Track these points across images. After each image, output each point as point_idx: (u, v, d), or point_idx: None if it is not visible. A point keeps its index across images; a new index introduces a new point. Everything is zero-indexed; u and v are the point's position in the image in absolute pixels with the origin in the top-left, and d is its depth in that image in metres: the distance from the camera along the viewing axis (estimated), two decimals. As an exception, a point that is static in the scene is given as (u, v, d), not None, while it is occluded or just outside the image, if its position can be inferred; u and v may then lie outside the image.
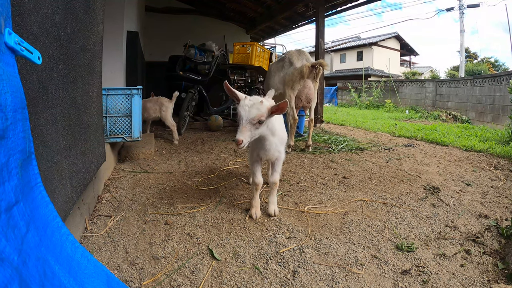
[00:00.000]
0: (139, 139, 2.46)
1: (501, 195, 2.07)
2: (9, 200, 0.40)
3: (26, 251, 0.42)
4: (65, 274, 0.50)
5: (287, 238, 1.42)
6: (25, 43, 0.51)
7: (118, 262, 1.23)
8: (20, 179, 0.43)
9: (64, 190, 1.00)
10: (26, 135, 0.47)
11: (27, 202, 0.45)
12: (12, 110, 0.42)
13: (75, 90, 1.19)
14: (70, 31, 1.15)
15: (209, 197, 1.91)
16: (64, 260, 0.51)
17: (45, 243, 0.48)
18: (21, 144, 0.44)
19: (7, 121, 0.40)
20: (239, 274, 1.16)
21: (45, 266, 0.45)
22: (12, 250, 0.39)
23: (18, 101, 0.44)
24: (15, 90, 0.44)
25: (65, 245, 0.54)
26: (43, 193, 0.52)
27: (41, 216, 0.49)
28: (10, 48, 0.45)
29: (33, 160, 0.51)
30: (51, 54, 0.96)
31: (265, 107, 1.38)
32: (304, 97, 3.15)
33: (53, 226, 0.52)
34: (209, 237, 1.42)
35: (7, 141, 0.40)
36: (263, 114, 1.37)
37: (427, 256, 1.29)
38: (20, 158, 0.43)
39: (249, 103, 1.37)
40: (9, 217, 0.39)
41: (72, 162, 1.13)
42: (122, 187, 2.01)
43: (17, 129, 0.43)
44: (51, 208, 0.54)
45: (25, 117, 0.48)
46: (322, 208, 1.77)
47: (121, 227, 1.50)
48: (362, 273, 1.16)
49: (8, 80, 0.42)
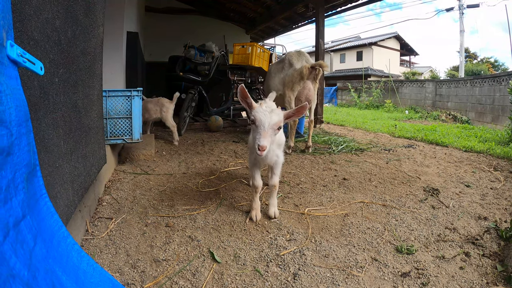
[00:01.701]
0: (139, 141, 2.47)
1: (500, 196, 2.08)
2: (16, 216, 0.40)
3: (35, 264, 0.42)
4: (72, 284, 0.50)
5: (288, 241, 1.42)
6: (27, 54, 0.52)
7: (119, 265, 1.23)
8: (26, 193, 0.43)
9: (65, 195, 1.01)
10: (31, 148, 0.48)
11: (33, 215, 0.45)
12: (16, 125, 0.42)
13: (76, 94, 1.19)
14: (71, 35, 1.15)
15: (210, 199, 1.91)
16: (70, 270, 0.51)
17: (52, 255, 0.48)
18: (26, 158, 0.44)
19: (12, 137, 0.41)
20: (240, 276, 1.17)
21: (53, 278, 0.46)
22: (22, 266, 0.39)
23: (22, 115, 0.45)
24: (19, 103, 0.45)
25: (71, 255, 0.54)
26: (48, 203, 0.53)
27: (47, 227, 0.49)
28: (12, 60, 0.45)
29: (37, 172, 0.51)
30: (52, 59, 0.96)
31: (282, 113, 1.40)
32: (304, 98, 3.16)
33: (59, 237, 0.53)
34: (210, 239, 1.43)
35: (13, 157, 0.40)
36: (282, 120, 1.39)
37: (426, 258, 1.30)
38: (26, 172, 0.44)
39: (269, 109, 1.38)
40: (17, 232, 0.40)
41: (74, 166, 1.13)
42: (123, 189, 2.02)
43: (22, 143, 0.43)
44: (56, 218, 0.54)
45: (29, 130, 0.48)
46: (322, 210, 1.78)
47: (122, 229, 1.50)
48: (362, 276, 1.17)
49: (12, 95, 0.42)
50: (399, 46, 22.22)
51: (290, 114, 1.41)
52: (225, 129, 4.82)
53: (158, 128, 4.49)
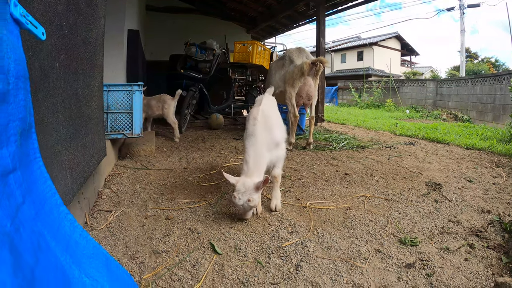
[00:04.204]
0: (140, 136, 2.45)
1: (503, 191, 2.06)
2: (5, 166, 0.39)
3: (21, 220, 0.41)
4: (62, 251, 0.48)
5: (289, 233, 1.41)
6: (30, 16, 0.50)
7: (118, 256, 1.21)
8: (19, 148, 0.42)
9: (64, 181, 0.99)
10: (27, 106, 0.46)
11: (25, 174, 0.44)
12: (14, 76, 0.41)
13: (76, 82, 1.18)
14: (72, 22, 1.14)
15: (210, 192, 1.90)
16: (61, 237, 0.50)
17: (42, 218, 0.46)
18: (22, 112, 0.43)
19: (8, 85, 0.39)
20: (241, 268, 1.15)
21: (40, 239, 0.44)
22: (5, 216, 0.38)
23: (20, 69, 0.43)
24: (19, 58, 0.43)
25: (63, 224, 0.53)
26: (42, 168, 0.51)
27: (39, 191, 0.48)
28: (15, 19, 0.44)
29: (33, 134, 0.50)
30: (53, 43, 0.95)
31: (252, 192, 1.41)
32: (305, 95, 3.14)
33: (51, 203, 0.51)
34: (211, 231, 1.41)
35: (8, 106, 0.39)
36: (256, 197, 1.41)
37: (430, 250, 1.28)
38: (20, 126, 0.42)
39: (240, 194, 1.40)
40: (4, 183, 0.38)
41: (73, 153, 1.12)
42: (123, 183, 2.00)
43: (18, 97, 0.42)
44: (50, 184, 0.53)
45: (27, 89, 0.47)
46: (324, 204, 1.76)
47: (122, 221, 1.49)
48: (365, 267, 1.15)
49: (12, 47, 0.41)
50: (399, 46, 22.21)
51: (260, 185, 1.42)
52: (226, 127, 4.81)
53: (159, 126, 4.48)
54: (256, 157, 1.51)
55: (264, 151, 1.54)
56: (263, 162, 1.53)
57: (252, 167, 1.48)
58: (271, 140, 1.62)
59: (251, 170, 1.47)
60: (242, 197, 1.41)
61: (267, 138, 1.59)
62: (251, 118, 1.62)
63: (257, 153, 1.52)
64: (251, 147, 1.54)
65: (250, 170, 1.47)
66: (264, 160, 1.54)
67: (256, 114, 1.61)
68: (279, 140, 1.69)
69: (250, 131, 1.59)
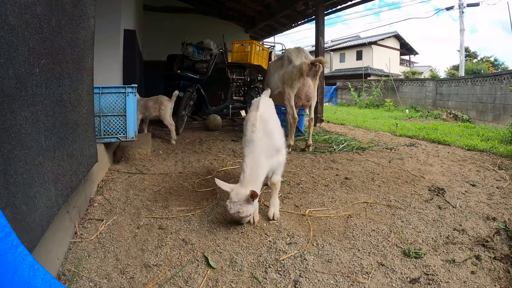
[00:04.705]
0: (134, 139, 2.38)
1: (507, 196, 2.01)
2: None
3: None
4: None
5: (288, 244, 1.34)
6: None
7: (107, 270, 1.15)
8: None
9: (46, 195, 0.93)
10: None
11: None
12: None
13: (60, 87, 1.11)
14: (55, 24, 1.07)
15: (206, 199, 1.83)
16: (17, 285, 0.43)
17: None
18: None
19: None
20: (236, 284, 1.09)
21: None
22: None
23: None
24: None
25: (21, 268, 0.46)
26: None
27: None
28: None
29: None
30: (32, 47, 0.88)
31: (243, 204, 1.37)
32: (304, 96, 3.08)
33: (5, 245, 0.44)
34: (205, 243, 1.35)
35: None
36: (244, 210, 1.38)
37: (436, 262, 1.22)
38: None
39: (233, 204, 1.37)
40: None
41: (57, 164, 1.05)
42: (116, 189, 1.94)
43: None
44: (3, 222, 0.46)
45: None
46: (324, 211, 1.70)
47: (113, 231, 1.42)
48: (368, 283, 1.09)
49: None
50: (398, 45, 22.15)
51: (249, 199, 1.37)
52: (224, 128, 4.74)
53: (155, 127, 4.41)
54: (254, 166, 1.45)
55: (262, 160, 1.48)
56: (260, 172, 1.47)
57: (248, 177, 1.42)
58: (271, 146, 1.56)
59: (246, 180, 1.41)
60: (233, 206, 1.37)
61: (267, 144, 1.52)
62: (249, 124, 1.56)
63: (255, 162, 1.45)
64: (249, 155, 1.48)
65: (246, 179, 1.41)
66: (262, 169, 1.48)
67: (254, 121, 1.55)
68: (279, 146, 1.62)
69: (248, 138, 1.52)
